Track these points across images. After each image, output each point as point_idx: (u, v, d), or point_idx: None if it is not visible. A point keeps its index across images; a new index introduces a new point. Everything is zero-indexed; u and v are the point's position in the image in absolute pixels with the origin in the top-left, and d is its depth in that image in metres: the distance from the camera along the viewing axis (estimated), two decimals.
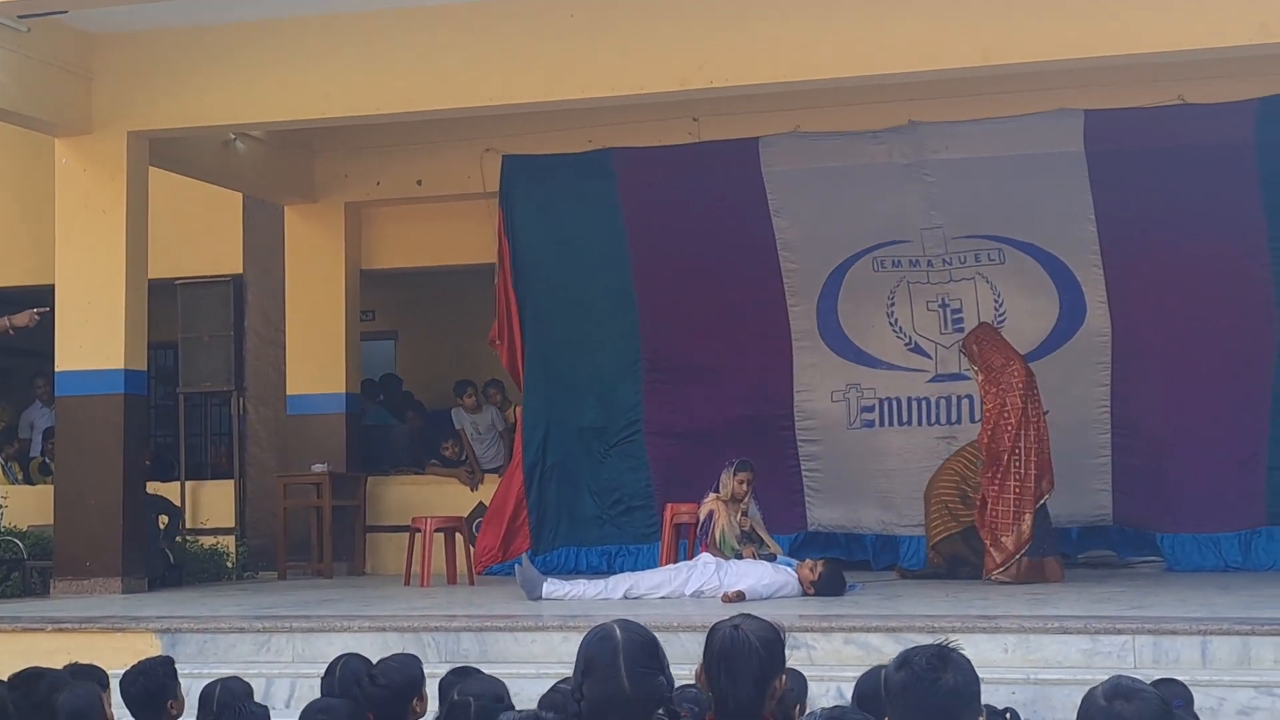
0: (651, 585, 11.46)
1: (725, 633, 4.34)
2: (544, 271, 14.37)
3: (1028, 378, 11.89)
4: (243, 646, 9.74)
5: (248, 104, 12.60)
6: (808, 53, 11.31)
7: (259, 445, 15.78)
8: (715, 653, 4.31)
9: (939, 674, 3.85)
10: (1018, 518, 11.68)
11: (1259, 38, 10.42)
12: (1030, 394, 11.83)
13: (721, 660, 4.29)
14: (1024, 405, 11.72)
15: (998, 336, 12.28)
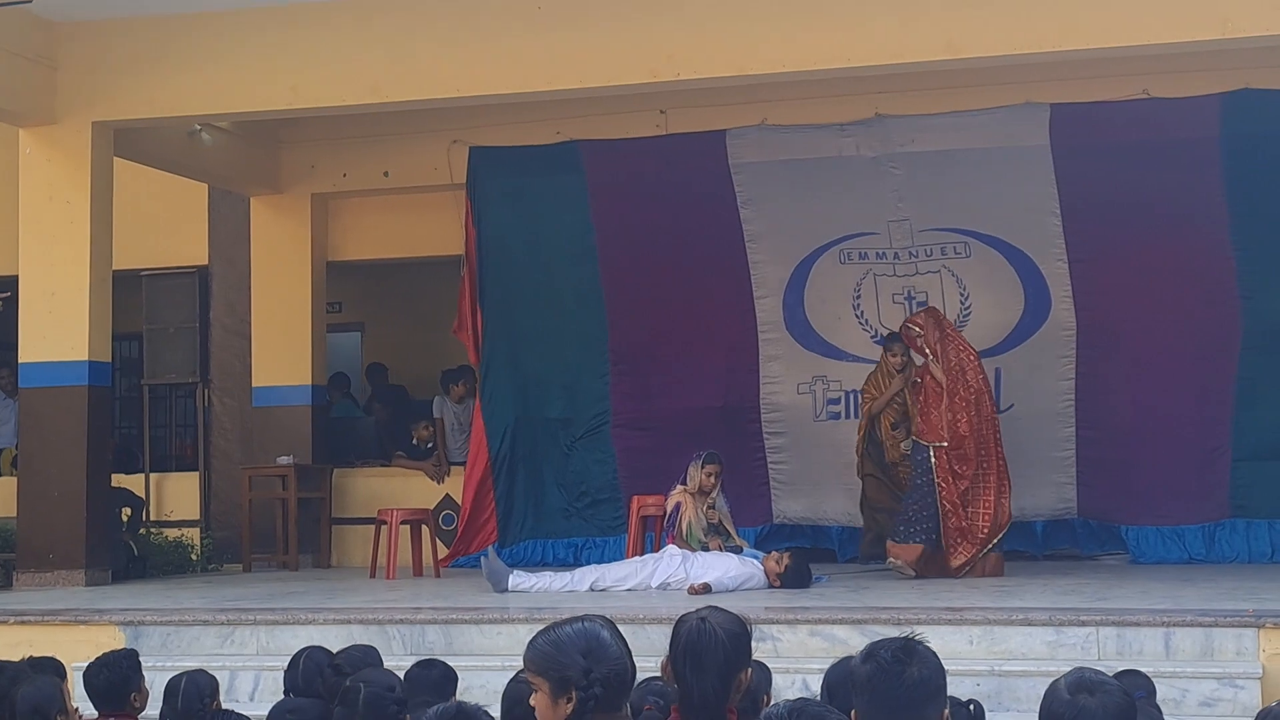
0: (618, 577, 11.46)
1: (692, 625, 4.34)
2: (511, 263, 14.36)
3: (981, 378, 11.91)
4: (207, 639, 9.72)
5: (213, 94, 12.56)
6: (775, 46, 11.32)
7: (224, 437, 15.73)
8: (681, 646, 4.31)
9: (905, 667, 3.85)
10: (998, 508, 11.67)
11: (1223, 33, 10.48)
12: (987, 388, 11.84)
13: (688, 653, 4.29)
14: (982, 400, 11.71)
15: (950, 326, 12.25)
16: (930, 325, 11.92)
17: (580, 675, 3.80)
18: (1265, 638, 8.30)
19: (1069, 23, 10.77)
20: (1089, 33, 10.79)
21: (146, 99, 12.62)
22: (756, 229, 13.90)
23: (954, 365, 11.76)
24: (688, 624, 4.35)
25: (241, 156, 15.05)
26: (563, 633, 3.88)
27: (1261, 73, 12.58)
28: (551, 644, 3.86)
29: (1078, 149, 13.13)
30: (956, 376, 11.72)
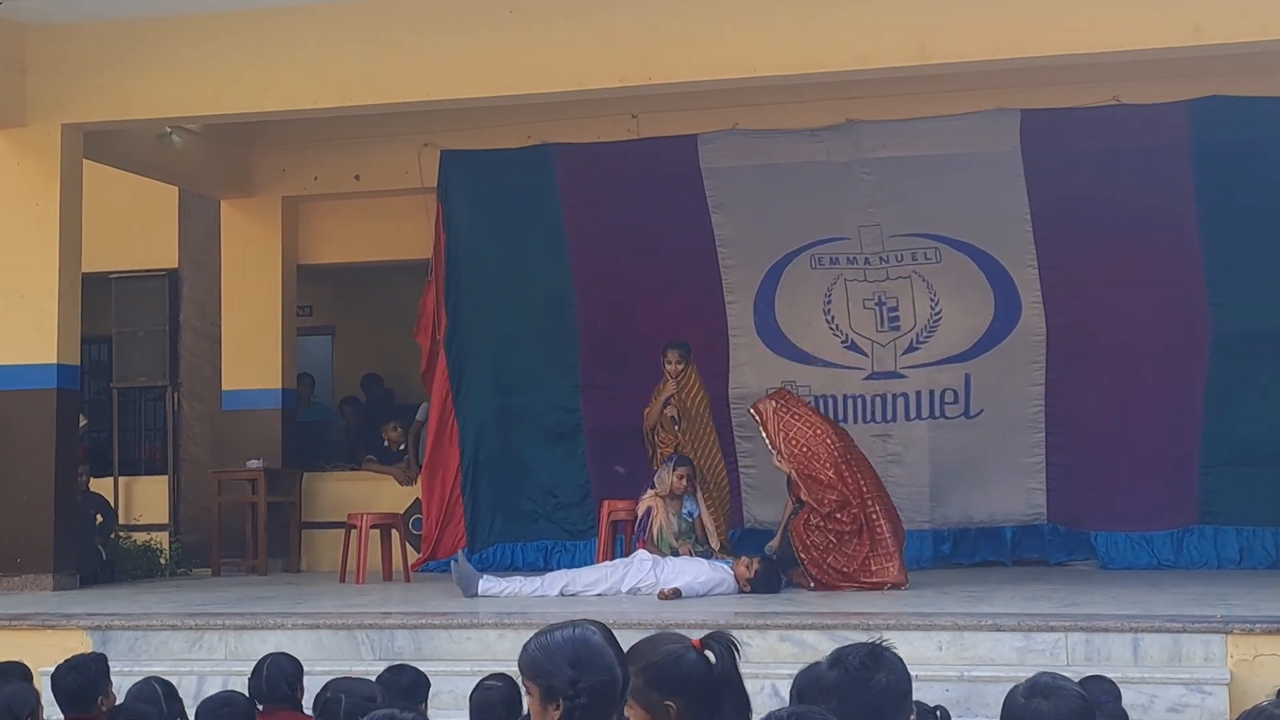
0: (588, 582, 11.44)
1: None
2: (482, 266, 14.35)
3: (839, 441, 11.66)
4: (175, 644, 9.68)
5: (184, 97, 12.51)
6: (747, 50, 11.32)
7: (194, 441, 15.68)
8: None
9: (872, 673, 3.86)
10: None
11: (1193, 39, 10.50)
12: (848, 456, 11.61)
13: None
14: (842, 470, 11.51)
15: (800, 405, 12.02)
16: (770, 414, 11.75)
17: (566, 685, 3.75)
18: (1233, 643, 8.32)
19: (1040, 29, 10.79)
20: (1060, 39, 10.82)
21: (116, 101, 12.56)
22: (727, 233, 13.91)
23: (801, 450, 11.63)
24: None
25: (212, 159, 15.00)
26: (554, 639, 3.82)
27: (1231, 79, 12.62)
28: (542, 650, 3.82)
29: (1048, 155, 13.17)
30: (807, 459, 11.61)
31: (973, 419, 13.60)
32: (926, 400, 13.68)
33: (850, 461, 11.52)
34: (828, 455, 11.48)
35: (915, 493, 13.62)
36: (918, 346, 13.70)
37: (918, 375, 13.70)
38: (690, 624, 9.13)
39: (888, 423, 13.72)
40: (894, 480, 13.62)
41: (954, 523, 13.62)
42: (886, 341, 13.69)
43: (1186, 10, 10.46)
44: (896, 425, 13.69)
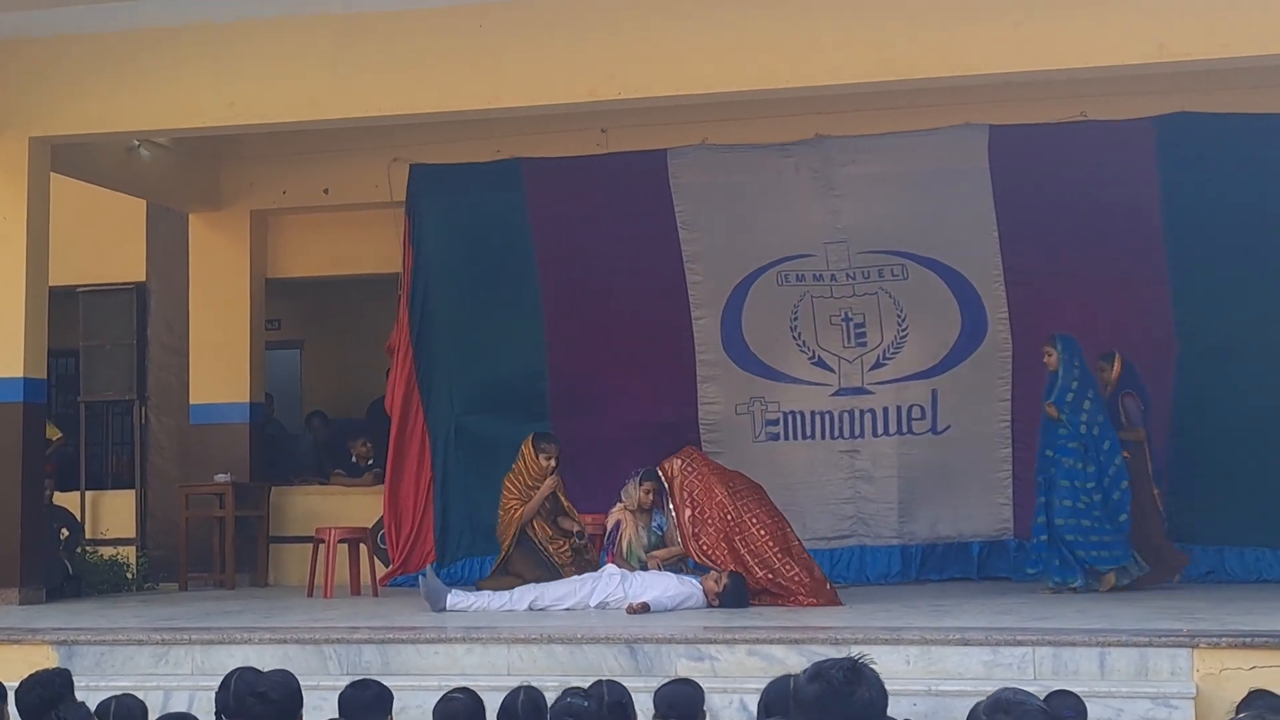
0: (557, 596, 11.42)
1: None
2: (451, 280, 14.34)
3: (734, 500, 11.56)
4: (141, 659, 9.63)
5: (152, 110, 12.47)
6: (716, 65, 11.33)
7: (161, 455, 15.62)
8: None
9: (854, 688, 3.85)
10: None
11: (1158, 56, 10.56)
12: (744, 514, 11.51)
13: None
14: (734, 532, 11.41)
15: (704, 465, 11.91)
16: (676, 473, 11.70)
17: None
18: (1200, 658, 8.34)
19: (1007, 45, 10.83)
20: (1027, 55, 10.86)
21: (84, 115, 12.52)
22: (695, 249, 13.93)
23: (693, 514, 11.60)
24: None
25: (180, 173, 14.97)
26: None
27: (1197, 96, 12.70)
28: None
29: (1016, 171, 13.23)
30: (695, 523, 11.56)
31: (940, 435, 13.62)
32: (894, 416, 13.71)
33: (741, 530, 11.46)
34: (716, 524, 11.47)
35: (883, 509, 13.65)
36: (885, 363, 13.73)
37: (885, 391, 13.72)
38: (659, 638, 9.14)
39: (855, 439, 13.74)
40: (862, 496, 13.69)
41: (921, 538, 13.64)
42: (854, 358, 13.72)
43: (1151, 27, 10.51)
44: (864, 441, 13.72)
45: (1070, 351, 12.08)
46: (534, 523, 12.37)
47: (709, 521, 11.44)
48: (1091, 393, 11.99)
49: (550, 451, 12.49)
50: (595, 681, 5.89)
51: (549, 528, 12.42)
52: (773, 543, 11.38)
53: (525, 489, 12.46)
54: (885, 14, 10.93)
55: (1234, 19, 10.37)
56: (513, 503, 12.47)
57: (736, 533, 11.40)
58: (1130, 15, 10.56)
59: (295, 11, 11.89)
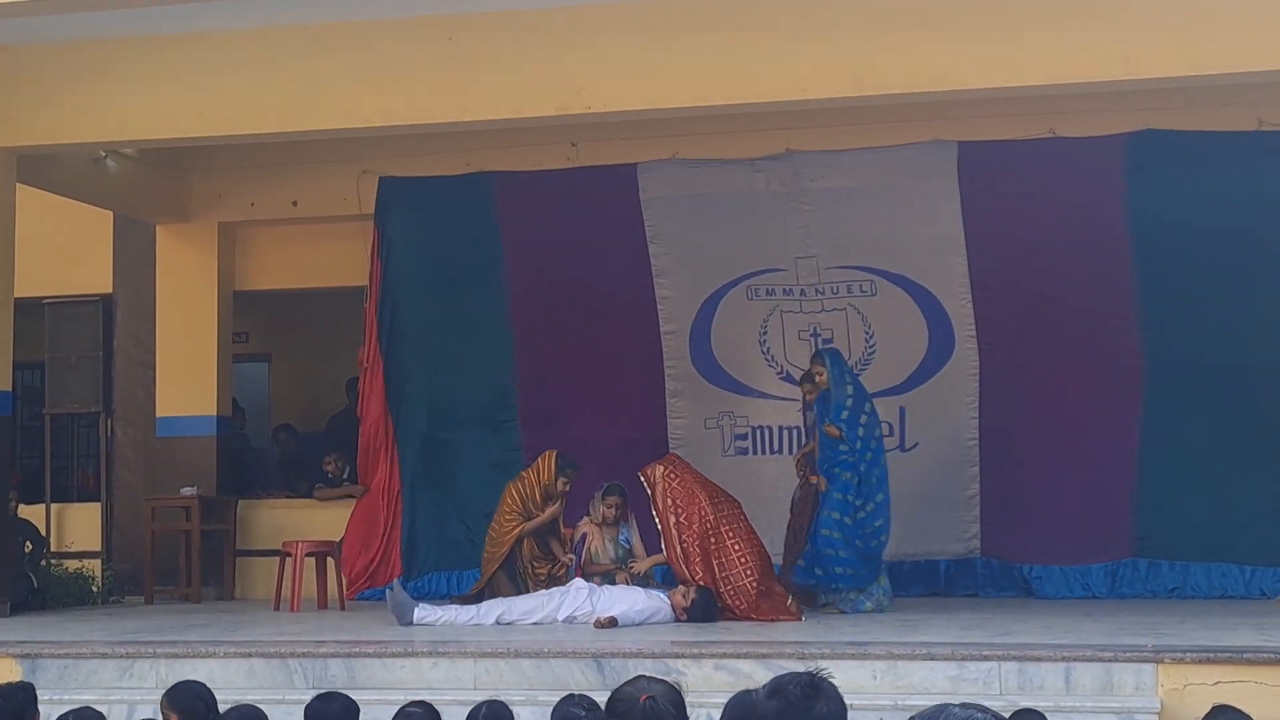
0: (524, 611, 11.41)
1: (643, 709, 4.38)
2: (420, 294, 14.33)
3: (715, 508, 11.56)
4: (105, 672, 9.59)
5: (120, 121, 12.42)
6: (685, 80, 11.35)
7: (127, 468, 15.55)
8: None
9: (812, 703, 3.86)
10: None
11: (1125, 73, 10.60)
12: (722, 524, 11.51)
13: None
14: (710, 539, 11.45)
15: (687, 472, 11.88)
16: (659, 479, 11.64)
17: None
18: (1164, 673, 8.38)
19: (977, 61, 10.87)
20: (996, 72, 10.89)
21: (51, 125, 12.46)
22: (665, 263, 13.94)
23: (677, 519, 11.56)
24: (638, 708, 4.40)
25: (147, 184, 14.92)
26: None
27: (1164, 114, 12.76)
28: None
29: (984, 187, 13.26)
30: (678, 528, 11.55)
31: (907, 452, 13.62)
32: None
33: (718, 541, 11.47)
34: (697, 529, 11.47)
35: None
36: None
37: None
38: (626, 652, 9.13)
39: None
40: None
41: (887, 555, 13.58)
42: None
43: (1119, 44, 10.56)
44: None
45: (839, 367, 12.08)
46: (525, 540, 12.31)
47: (690, 526, 11.44)
48: (868, 405, 12.00)
49: (571, 478, 12.34)
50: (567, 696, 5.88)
51: (538, 548, 12.35)
52: (747, 559, 11.39)
53: (527, 500, 12.35)
54: (855, 30, 10.95)
55: (1201, 38, 10.42)
56: (513, 514, 12.34)
57: (714, 543, 11.40)
58: (1099, 33, 10.60)
59: (265, 23, 11.85)
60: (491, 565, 12.28)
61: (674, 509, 11.51)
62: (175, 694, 6.26)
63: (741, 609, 11.24)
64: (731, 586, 11.31)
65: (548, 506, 12.31)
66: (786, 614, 11.25)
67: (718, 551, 11.38)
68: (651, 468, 11.80)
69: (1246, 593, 12.71)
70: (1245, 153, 12.79)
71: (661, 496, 11.59)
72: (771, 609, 11.26)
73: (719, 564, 11.36)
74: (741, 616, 11.21)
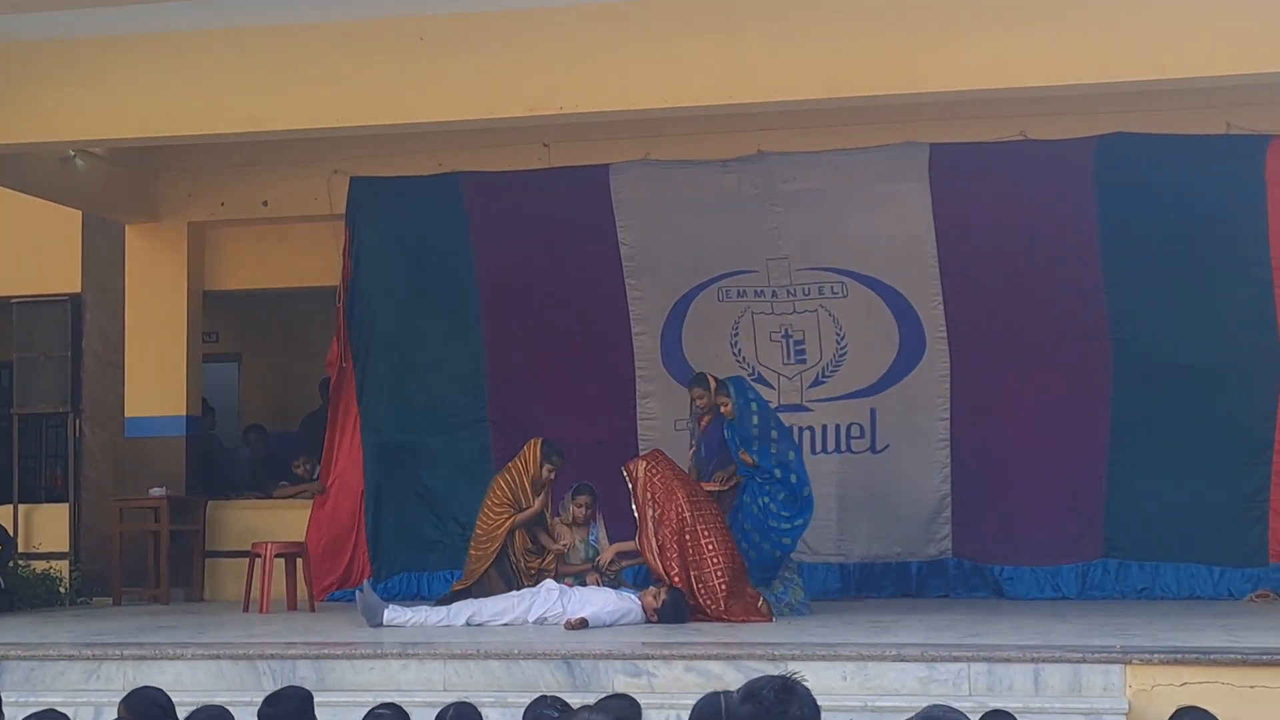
0: (494, 612, 11.40)
1: None
2: (391, 294, 14.28)
3: (693, 508, 11.53)
4: (72, 674, 9.54)
5: (88, 120, 12.33)
6: (658, 81, 11.32)
7: (95, 468, 15.47)
8: None
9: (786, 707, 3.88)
10: None
11: (1097, 76, 10.61)
12: (699, 523, 11.48)
13: None
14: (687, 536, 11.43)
15: (669, 469, 11.83)
16: (641, 474, 11.64)
17: None
18: (1132, 673, 8.40)
19: (949, 64, 10.86)
20: (968, 74, 10.89)
21: (19, 124, 12.37)
22: (636, 265, 13.92)
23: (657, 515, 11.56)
24: None
25: (117, 184, 14.84)
26: None
27: (1134, 117, 12.79)
28: None
29: (956, 189, 13.27)
30: (657, 523, 11.55)
31: (879, 454, 13.65)
32: (833, 434, 13.73)
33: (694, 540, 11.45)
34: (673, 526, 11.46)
35: (821, 527, 13.61)
36: (824, 380, 13.75)
37: (824, 409, 13.74)
38: (597, 654, 9.12)
39: None
40: None
41: (859, 556, 13.65)
42: (793, 375, 13.74)
43: (1092, 48, 10.57)
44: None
45: (744, 396, 12.08)
46: (516, 532, 12.28)
47: (668, 523, 11.43)
48: (774, 432, 12.05)
49: (557, 465, 12.38)
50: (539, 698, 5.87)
51: (529, 540, 12.33)
52: (719, 560, 11.38)
53: (516, 490, 12.33)
54: (828, 32, 10.94)
55: (1171, 41, 10.44)
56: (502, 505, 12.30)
57: (690, 541, 11.39)
58: (1070, 36, 10.61)
59: (235, 24, 11.79)
60: (484, 563, 12.23)
61: (652, 503, 11.51)
62: (132, 700, 6.21)
63: (712, 609, 11.24)
64: (703, 586, 11.31)
65: (536, 497, 12.32)
66: (757, 615, 11.26)
67: (693, 550, 11.38)
68: (634, 462, 11.80)
69: (1215, 594, 12.76)
70: (1214, 156, 12.84)
71: (642, 490, 11.58)
72: (742, 610, 11.26)
73: (693, 563, 11.36)
74: (712, 617, 11.21)
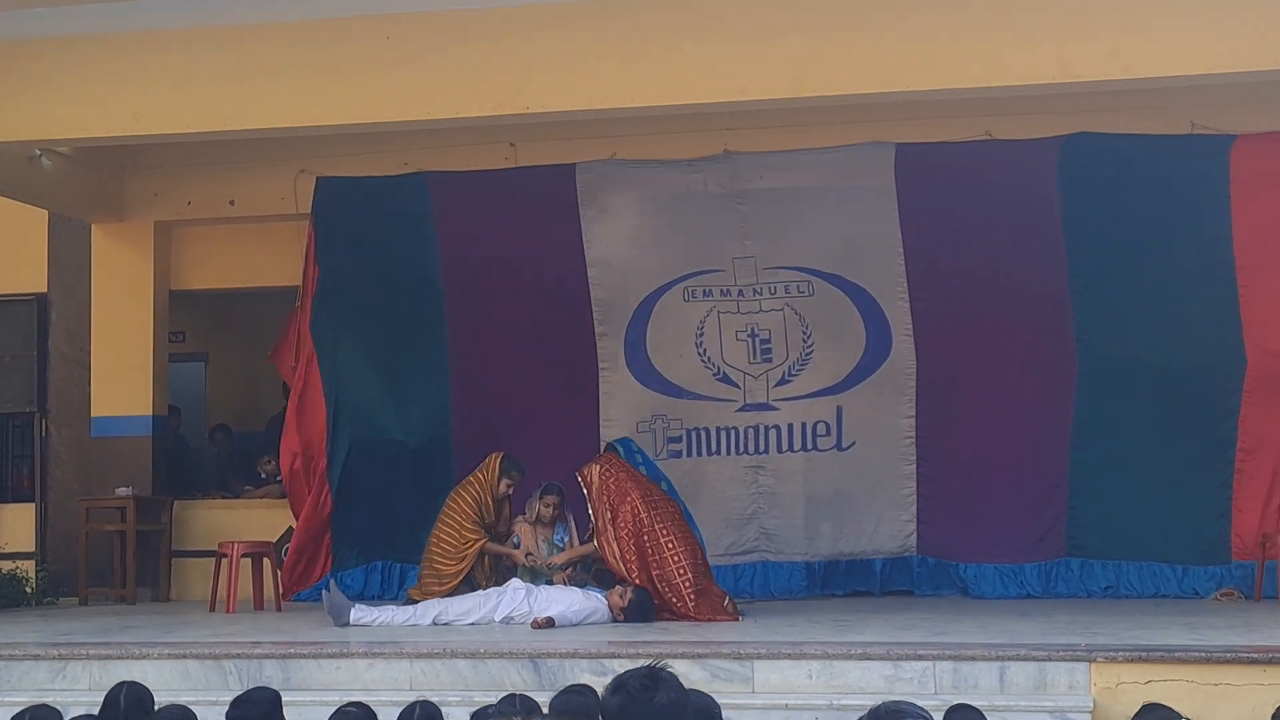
0: (461, 611, 11.41)
1: None
2: (357, 293, 14.25)
3: (648, 509, 11.56)
4: (38, 674, 9.52)
5: (54, 119, 12.30)
6: (625, 80, 11.33)
7: (61, 468, 15.43)
8: None
9: (653, 693, 4.00)
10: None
11: (1061, 77, 10.66)
12: (656, 524, 11.51)
13: None
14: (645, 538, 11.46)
15: (622, 470, 11.85)
16: (595, 478, 11.66)
17: None
18: (1097, 671, 8.44)
19: (915, 63, 10.90)
20: (934, 74, 10.93)
21: None
22: (602, 265, 13.93)
23: (609, 518, 11.59)
24: None
25: (83, 183, 14.80)
26: None
27: (1098, 117, 12.86)
28: None
29: (921, 188, 13.32)
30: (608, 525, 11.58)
31: (845, 451, 13.69)
32: (799, 433, 13.76)
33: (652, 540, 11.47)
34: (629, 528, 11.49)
35: (787, 525, 13.69)
36: (790, 379, 13.78)
37: (790, 408, 13.77)
38: (563, 653, 9.13)
39: (760, 455, 13.78)
40: (766, 512, 13.72)
41: (825, 554, 13.68)
42: (759, 374, 13.76)
43: (1055, 49, 10.62)
44: (769, 457, 13.76)
45: (632, 458, 12.14)
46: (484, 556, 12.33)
47: (624, 525, 11.45)
48: (665, 484, 12.20)
49: (515, 480, 12.43)
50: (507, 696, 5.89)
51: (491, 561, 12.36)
52: (681, 559, 11.40)
53: (481, 505, 12.35)
54: (793, 31, 10.97)
55: (1135, 42, 10.50)
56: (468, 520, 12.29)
57: (648, 541, 11.41)
58: (1035, 37, 10.66)
59: (201, 23, 11.77)
60: (454, 581, 12.20)
61: (608, 506, 11.52)
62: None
63: (679, 608, 11.26)
64: (667, 585, 11.34)
65: (499, 511, 12.38)
66: (723, 614, 11.29)
67: (653, 551, 11.40)
68: (588, 467, 11.80)
69: (1179, 592, 12.83)
70: (1179, 155, 12.89)
71: (597, 495, 11.59)
72: (709, 609, 11.29)
73: (654, 563, 11.38)
74: (679, 616, 11.23)
